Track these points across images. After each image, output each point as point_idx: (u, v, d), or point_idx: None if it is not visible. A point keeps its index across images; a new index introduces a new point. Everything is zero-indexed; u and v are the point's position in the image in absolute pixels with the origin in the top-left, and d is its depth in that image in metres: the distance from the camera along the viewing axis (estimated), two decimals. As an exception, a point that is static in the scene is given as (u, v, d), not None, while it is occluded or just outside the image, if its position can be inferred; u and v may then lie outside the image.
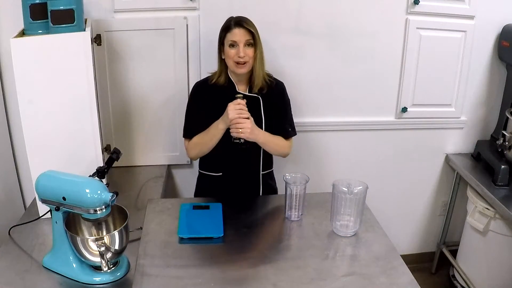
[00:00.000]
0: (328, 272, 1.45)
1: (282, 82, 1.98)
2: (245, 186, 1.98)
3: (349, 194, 1.61)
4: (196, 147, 1.89)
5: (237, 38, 1.76)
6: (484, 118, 2.53)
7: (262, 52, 1.82)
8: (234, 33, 1.76)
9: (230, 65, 1.80)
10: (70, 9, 1.65)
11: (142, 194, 2.07)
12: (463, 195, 2.55)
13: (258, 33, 1.79)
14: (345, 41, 2.26)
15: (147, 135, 2.30)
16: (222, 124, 1.76)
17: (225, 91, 1.85)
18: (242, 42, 1.76)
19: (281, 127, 1.95)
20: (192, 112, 1.91)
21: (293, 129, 1.98)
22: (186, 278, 1.41)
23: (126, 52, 2.13)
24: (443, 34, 2.30)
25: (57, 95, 1.70)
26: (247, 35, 1.76)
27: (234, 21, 1.78)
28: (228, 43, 1.78)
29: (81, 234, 1.54)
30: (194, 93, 1.93)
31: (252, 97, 1.87)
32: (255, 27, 1.79)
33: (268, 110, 1.90)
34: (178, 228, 1.64)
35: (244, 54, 1.76)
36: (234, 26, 1.77)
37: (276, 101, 1.93)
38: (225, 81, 1.87)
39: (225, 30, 1.79)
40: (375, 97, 2.40)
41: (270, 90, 1.90)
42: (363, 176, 1.75)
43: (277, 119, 1.93)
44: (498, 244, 2.26)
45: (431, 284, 2.70)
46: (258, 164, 1.95)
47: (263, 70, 1.85)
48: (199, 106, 1.88)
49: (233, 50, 1.77)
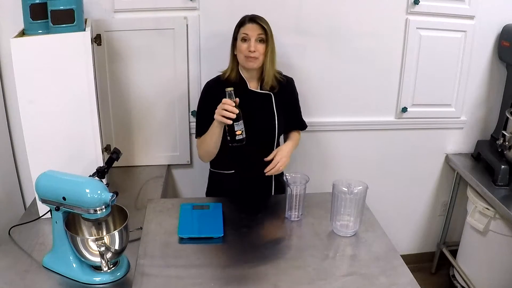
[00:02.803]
0: (328, 272, 1.45)
1: (291, 77, 2.01)
2: (258, 184, 1.98)
3: (349, 194, 1.61)
4: (201, 146, 1.90)
5: (249, 32, 1.78)
6: (484, 118, 2.53)
7: (274, 50, 1.84)
8: (247, 27, 1.79)
9: (241, 59, 1.82)
10: (70, 9, 1.65)
11: (142, 194, 2.07)
12: (463, 195, 2.55)
13: (271, 30, 1.82)
14: (345, 41, 2.26)
15: (147, 135, 2.30)
16: (216, 123, 1.76)
17: (236, 88, 1.85)
18: (254, 36, 1.78)
19: (297, 120, 2.05)
20: (204, 112, 1.90)
21: (304, 122, 2.09)
22: (186, 278, 1.41)
23: (126, 52, 2.13)
24: (443, 34, 2.30)
25: (57, 95, 1.70)
26: (259, 30, 1.79)
27: (249, 17, 1.82)
28: (240, 37, 1.80)
29: (81, 234, 1.54)
30: (205, 92, 1.93)
31: (264, 94, 1.88)
32: (268, 24, 1.82)
33: (280, 106, 1.92)
34: (178, 228, 1.64)
35: (255, 49, 1.78)
36: (248, 22, 1.80)
37: (288, 97, 1.97)
38: (236, 78, 1.87)
39: (239, 25, 1.83)
40: (375, 97, 2.40)
41: (281, 87, 1.92)
42: (363, 176, 1.76)
43: (291, 114, 2.00)
44: (498, 244, 2.26)
45: (431, 284, 2.70)
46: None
47: (273, 68, 1.87)
48: (210, 105, 1.87)
49: (245, 44, 1.79)
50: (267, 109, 1.88)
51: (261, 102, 1.86)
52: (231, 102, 1.61)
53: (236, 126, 1.59)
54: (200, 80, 2.24)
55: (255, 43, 1.78)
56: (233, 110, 1.62)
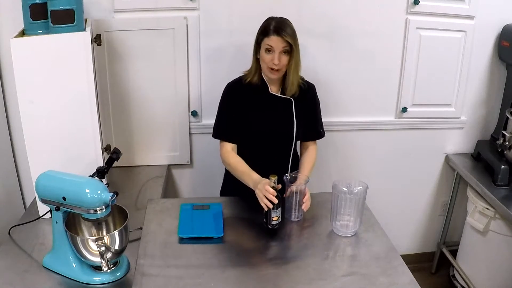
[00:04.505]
0: (328, 272, 1.45)
1: (313, 84, 1.96)
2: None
3: (349, 194, 1.61)
4: (229, 167, 1.88)
5: (273, 44, 1.71)
6: (484, 118, 2.53)
7: (298, 59, 1.79)
8: (271, 39, 1.71)
9: (264, 69, 1.78)
10: (70, 9, 1.65)
11: (142, 194, 2.07)
12: (463, 195, 2.55)
13: (296, 40, 1.75)
14: (345, 41, 2.26)
15: (147, 135, 2.30)
16: (251, 185, 1.72)
17: (257, 91, 1.84)
18: (279, 49, 1.72)
19: (314, 129, 1.96)
20: (224, 113, 1.88)
21: (323, 130, 2.01)
22: (186, 278, 1.41)
23: (126, 52, 2.13)
24: (443, 34, 2.30)
25: (57, 95, 1.70)
26: (284, 43, 1.72)
27: (274, 26, 1.72)
28: (264, 47, 1.74)
29: (81, 234, 1.54)
30: (226, 93, 1.90)
31: (285, 99, 1.86)
32: (294, 34, 1.74)
33: (300, 112, 1.88)
34: (178, 228, 1.64)
35: (279, 62, 1.72)
36: (273, 33, 1.71)
37: (308, 104, 1.92)
38: (258, 81, 1.85)
39: (264, 34, 1.74)
40: (375, 97, 2.40)
41: (302, 93, 1.88)
42: (363, 176, 1.76)
43: (309, 121, 1.93)
44: (498, 244, 2.26)
45: (431, 284, 2.70)
46: (286, 165, 1.93)
47: (297, 77, 1.82)
48: (231, 107, 1.86)
49: (269, 56, 1.73)
50: (286, 114, 1.86)
51: (281, 106, 1.84)
52: (273, 191, 1.60)
53: (274, 212, 1.60)
54: (200, 80, 2.24)
55: (279, 55, 1.72)
56: (273, 200, 1.59)
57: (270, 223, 1.61)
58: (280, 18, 1.78)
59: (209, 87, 2.24)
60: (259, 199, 1.63)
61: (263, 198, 1.61)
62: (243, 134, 1.86)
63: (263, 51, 1.75)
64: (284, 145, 1.89)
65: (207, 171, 2.40)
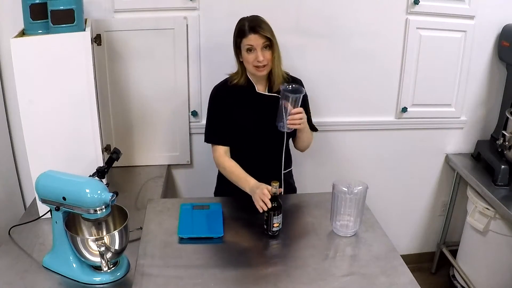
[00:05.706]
0: (328, 272, 1.45)
1: (299, 79, 1.97)
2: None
3: (349, 194, 1.61)
4: (224, 172, 1.87)
5: (253, 43, 1.72)
6: (484, 118, 2.53)
7: (279, 52, 1.80)
8: (249, 38, 1.72)
9: (250, 69, 1.79)
10: (70, 9, 1.65)
11: (142, 194, 2.07)
12: (463, 195, 2.55)
13: (273, 34, 1.76)
14: (345, 41, 2.26)
15: (147, 135, 2.30)
16: (248, 190, 1.72)
17: (244, 91, 1.85)
18: (259, 46, 1.73)
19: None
20: (214, 116, 1.89)
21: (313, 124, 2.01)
22: (186, 278, 1.41)
23: (126, 52, 2.13)
24: (443, 34, 2.30)
25: (57, 95, 1.70)
26: (262, 39, 1.73)
27: (249, 26, 1.73)
28: (245, 48, 1.75)
29: (81, 234, 1.54)
30: (213, 97, 1.90)
31: (272, 96, 1.86)
32: (270, 29, 1.75)
33: None
34: (178, 228, 1.64)
35: (263, 58, 1.73)
36: (249, 32, 1.72)
37: None
38: (245, 82, 1.85)
39: (240, 36, 1.75)
40: (375, 97, 2.40)
41: None
42: (363, 176, 1.75)
43: None
44: (498, 244, 2.26)
45: (431, 284, 2.70)
46: (279, 162, 1.93)
47: (281, 69, 1.85)
48: (220, 110, 1.86)
49: (252, 55, 1.74)
50: (275, 112, 1.86)
51: (269, 104, 1.84)
52: (269, 195, 1.59)
53: (275, 219, 1.60)
54: (200, 80, 2.24)
55: (262, 52, 1.73)
56: (268, 204, 1.59)
57: (271, 229, 1.61)
58: (252, 16, 1.79)
59: (209, 87, 2.21)
60: (255, 202, 1.63)
61: (259, 201, 1.61)
62: (235, 136, 1.86)
63: (244, 53, 1.76)
64: (275, 143, 1.88)
65: (207, 171, 2.39)
